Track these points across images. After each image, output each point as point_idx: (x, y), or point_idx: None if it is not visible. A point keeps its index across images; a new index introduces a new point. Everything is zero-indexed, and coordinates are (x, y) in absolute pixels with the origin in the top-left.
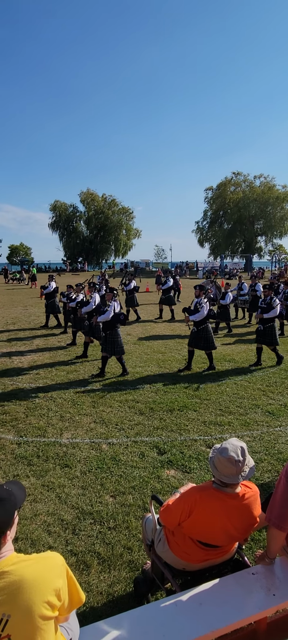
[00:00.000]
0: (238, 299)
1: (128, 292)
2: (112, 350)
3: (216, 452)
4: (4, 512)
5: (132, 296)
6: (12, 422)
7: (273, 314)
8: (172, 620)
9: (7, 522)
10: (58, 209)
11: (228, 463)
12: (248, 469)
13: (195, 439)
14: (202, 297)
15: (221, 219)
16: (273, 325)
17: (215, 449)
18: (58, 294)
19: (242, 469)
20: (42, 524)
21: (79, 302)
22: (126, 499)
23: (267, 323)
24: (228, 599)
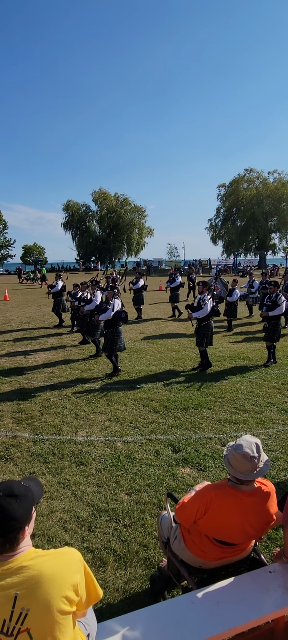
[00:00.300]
0: (249, 297)
1: (135, 291)
2: (110, 348)
3: (230, 450)
4: (22, 507)
5: (139, 294)
6: (27, 420)
7: (278, 312)
8: (189, 617)
9: (25, 518)
10: (71, 209)
11: (243, 460)
12: (263, 465)
13: (210, 437)
14: (205, 294)
15: (234, 216)
16: (278, 322)
17: (229, 447)
18: (65, 293)
19: (257, 466)
20: (58, 521)
21: (82, 300)
22: (141, 496)
23: (271, 320)
24: (246, 597)
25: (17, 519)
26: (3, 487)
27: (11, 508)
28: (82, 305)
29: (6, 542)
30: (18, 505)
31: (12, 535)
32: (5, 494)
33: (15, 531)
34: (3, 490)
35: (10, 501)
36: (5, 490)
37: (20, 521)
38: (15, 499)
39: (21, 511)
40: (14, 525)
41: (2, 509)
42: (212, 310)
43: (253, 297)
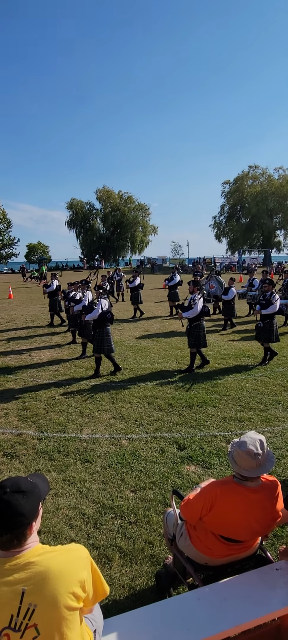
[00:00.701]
0: (248, 295)
1: (132, 290)
2: (98, 349)
3: (235, 446)
4: (29, 503)
5: (136, 293)
6: (33, 417)
7: (271, 310)
8: (195, 614)
9: (32, 514)
10: (75, 207)
11: (247, 456)
12: (268, 462)
13: (215, 435)
14: (196, 294)
15: (238, 213)
16: (272, 322)
17: (234, 444)
18: (60, 292)
19: (261, 462)
20: (63, 518)
21: (72, 300)
22: (147, 494)
23: (265, 319)
24: (252, 594)
25: (24, 514)
26: (10, 483)
27: (18, 504)
28: (71, 305)
29: (14, 538)
30: (25, 501)
31: (20, 531)
32: (12, 490)
33: (22, 527)
34: (10, 486)
35: (18, 497)
36: (12, 486)
37: (28, 517)
38: (22, 495)
39: (28, 507)
40: (22, 521)
41: (9, 505)
42: (202, 310)
43: (252, 295)
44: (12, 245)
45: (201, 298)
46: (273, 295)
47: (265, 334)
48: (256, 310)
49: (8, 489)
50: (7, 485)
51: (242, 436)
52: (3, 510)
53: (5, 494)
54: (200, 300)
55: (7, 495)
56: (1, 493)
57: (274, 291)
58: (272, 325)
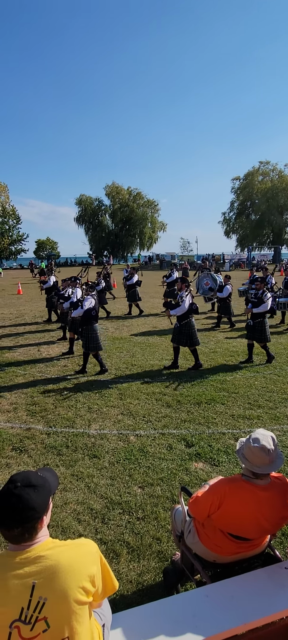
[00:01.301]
0: (248, 292)
1: (129, 287)
2: (86, 346)
3: (246, 443)
4: (40, 497)
5: (133, 291)
6: (41, 412)
7: (263, 309)
8: (203, 611)
9: (43, 507)
10: (84, 203)
11: (261, 453)
12: (279, 459)
13: (224, 432)
14: (183, 291)
15: (248, 210)
16: (264, 320)
17: (242, 441)
18: None
19: (273, 458)
20: (72, 512)
21: (61, 297)
22: (154, 490)
23: (257, 318)
24: (261, 592)
25: (35, 508)
26: (20, 477)
27: (30, 498)
28: (61, 302)
29: (25, 532)
30: (36, 495)
31: (31, 525)
32: (23, 484)
33: (33, 521)
34: (21, 480)
35: (29, 491)
36: (22, 480)
37: (39, 511)
38: (33, 489)
39: (39, 501)
40: (33, 515)
41: (20, 499)
42: (190, 308)
43: (252, 293)
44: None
45: (188, 295)
46: (265, 293)
47: (257, 334)
48: (247, 309)
49: (19, 483)
50: (18, 479)
51: (252, 433)
52: (14, 505)
53: (16, 488)
54: (187, 298)
55: (18, 489)
56: (12, 487)
57: (266, 289)
58: (264, 324)
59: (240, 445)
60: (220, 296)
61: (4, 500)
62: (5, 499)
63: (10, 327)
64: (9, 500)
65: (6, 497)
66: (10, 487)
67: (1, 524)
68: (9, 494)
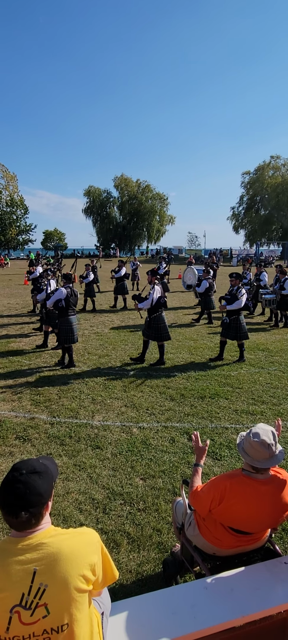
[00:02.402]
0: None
1: (117, 280)
2: (58, 338)
3: (246, 438)
4: (46, 483)
5: (122, 284)
6: (45, 402)
7: (236, 306)
8: (202, 602)
9: (48, 493)
10: (92, 195)
11: (261, 447)
12: (279, 453)
13: (227, 427)
14: (154, 284)
15: (258, 205)
16: (239, 318)
17: (243, 436)
18: None
19: (274, 453)
20: (73, 502)
21: (35, 289)
22: (156, 482)
23: (232, 315)
24: (259, 586)
25: (42, 494)
26: (24, 465)
27: (36, 484)
28: (34, 293)
29: (32, 517)
30: (42, 481)
31: (38, 510)
32: (27, 471)
33: (40, 506)
34: (25, 468)
35: (34, 477)
36: (27, 467)
37: (45, 496)
38: (38, 475)
39: (45, 486)
40: (40, 500)
41: (28, 485)
42: (158, 302)
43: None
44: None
45: (157, 288)
46: (239, 290)
47: (231, 332)
48: (221, 305)
49: (24, 471)
50: (22, 467)
51: (252, 428)
52: (21, 491)
53: (21, 475)
54: (156, 291)
55: (23, 476)
56: (17, 475)
57: (241, 285)
58: (239, 322)
59: (241, 440)
60: (199, 291)
61: (10, 488)
62: (11, 486)
63: (17, 316)
64: (16, 487)
65: (12, 485)
66: (15, 475)
67: (9, 512)
68: (15, 481)
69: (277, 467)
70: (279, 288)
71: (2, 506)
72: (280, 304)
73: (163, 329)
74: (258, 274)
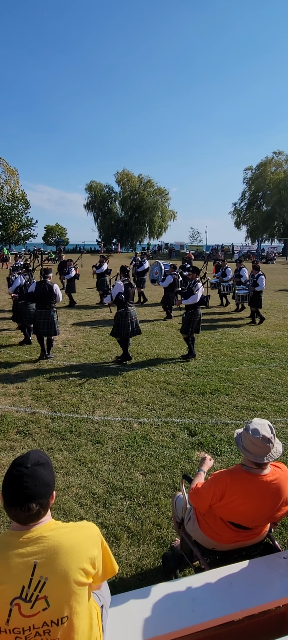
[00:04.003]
0: (221, 285)
1: (98, 276)
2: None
3: (245, 435)
4: (50, 473)
5: (102, 279)
6: (46, 397)
7: (192, 301)
8: (201, 596)
9: (53, 483)
10: (94, 190)
11: (262, 443)
12: (279, 445)
13: (227, 423)
14: (119, 278)
15: (260, 201)
16: (195, 312)
17: (239, 433)
18: None
19: (274, 445)
20: (74, 496)
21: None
22: (156, 477)
23: (189, 310)
24: (258, 580)
25: (49, 484)
26: (28, 459)
27: (43, 475)
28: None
29: (41, 509)
30: (47, 472)
31: (46, 501)
32: (32, 464)
33: (48, 496)
34: (29, 461)
35: (40, 469)
36: (31, 461)
37: (52, 486)
38: (42, 466)
39: (50, 477)
40: (48, 491)
41: (36, 477)
42: (117, 298)
43: (225, 286)
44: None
45: (121, 284)
46: (195, 284)
47: (184, 325)
48: (177, 301)
49: (29, 464)
50: (26, 461)
51: (247, 425)
52: (30, 484)
53: (27, 469)
54: (117, 286)
55: (29, 469)
56: (23, 469)
57: (198, 280)
58: (194, 316)
59: (238, 436)
60: (162, 285)
61: (19, 483)
62: (19, 481)
63: None
64: (24, 482)
65: (20, 479)
66: (20, 470)
67: (20, 506)
68: (22, 476)
69: (276, 461)
70: (252, 284)
71: (11, 502)
72: (252, 300)
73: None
74: (238, 269)
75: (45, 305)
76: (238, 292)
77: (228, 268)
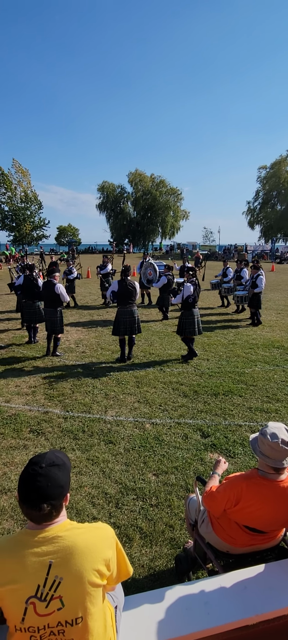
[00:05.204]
0: (221, 286)
1: (103, 276)
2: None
3: (262, 440)
4: (65, 475)
5: (107, 280)
6: (59, 397)
7: (176, 301)
8: (215, 600)
9: (68, 485)
10: (106, 190)
11: (281, 447)
12: None
13: (240, 425)
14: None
15: (274, 200)
16: (188, 312)
17: (255, 438)
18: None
19: None
20: (86, 496)
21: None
22: (169, 478)
23: (182, 310)
24: (274, 585)
25: (63, 486)
26: (43, 458)
27: (56, 476)
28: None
29: (53, 510)
30: (61, 473)
31: (59, 502)
32: (47, 464)
33: (61, 498)
34: (45, 461)
35: (54, 470)
36: (46, 461)
37: (66, 487)
38: (57, 467)
39: (65, 478)
40: (61, 492)
41: (49, 478)
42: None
43: (226, 287)
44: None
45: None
46: (184, 284)
47: (178, 326)
48: (171, 300)
49: (43, 464)
50: (41, 461)
51: (263, 430)
52: (43, 484)
53: (41, 469)
54: (112, 285)
55: (44, 469)
56: (37, 468)
57: (186, 280)
58: (187, 316)
59: (253, 442)
60: (155, 286)
61: (32, 482)
62: (33, 480)
63: None
64: (38, 481)
65: (34, 479)
66: (35, 469)
67: (31, 505)
68: (36, 475)
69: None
70: (251, 285)
71: (24, 500)
72: (251, 301)
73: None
74: (239, 270)
75: (51, 304)
76: (237, 293)
77: (229, 268)
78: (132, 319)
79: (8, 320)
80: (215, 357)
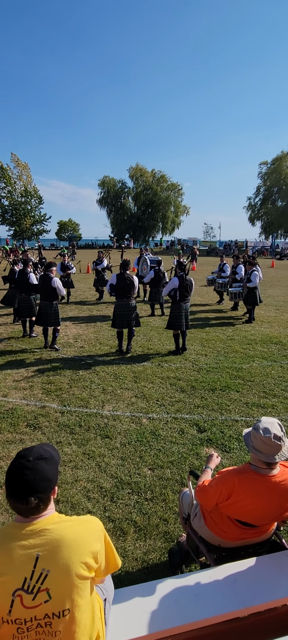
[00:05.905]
0: (216, 282)
1: (97, 272)
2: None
3: (255, 435)
4: (52, 469)
5: (102, 275)
6: (56, 391)
7: (164, 294)
8: (206, 592)
9: (55, 478)
10: (107, 185)
11: (273, 441)
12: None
13: (237, 420)
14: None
15: (275, 196)
16: (176, 306)
17: (247, 433)
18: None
19: (284, 444)
20: (82, 490)
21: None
22: (164, 472)
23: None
24: (264, 578)
25: (50, 479)
26: (30, 452)
27: (44, 469)
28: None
29: (41, 503)
30: (49, 467)
31: (46, 496)
32: (34, 457)
33: (49, 491)
34: (32, 454)
35: (41, 463)
36: (33, 454)
37: (53, 481)
38: (45, 461)
39: (53, 472)
40: (49, 486)
41: (37, 471)
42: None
43: (220, 282)
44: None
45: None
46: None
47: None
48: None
49: (31, 458)
50: (28, 454)
51: (256, 424)
52: (30, 477)
53: (29, 462)
54: (111, 278)
55: (31, 463)
56: (24, 462)
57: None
58: (176, 310)
59: (246, 437)
60: (144, 282)
61: (19, 475)
62: (19, 473)
63: None
64: (25, 474)
65: (21, 472)
66: (22, 462)
67: (18, 499)
68: (23, 468)
69: (284, 460)
70: (246, 280)
71: (11, 494)
72: (246, 297)
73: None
74: (235, 266)
75: (47, 298)
76: (232, 290)
77: (226, 264)
78: (129, 312)
79: (7, 315)
80: (213, 353)
